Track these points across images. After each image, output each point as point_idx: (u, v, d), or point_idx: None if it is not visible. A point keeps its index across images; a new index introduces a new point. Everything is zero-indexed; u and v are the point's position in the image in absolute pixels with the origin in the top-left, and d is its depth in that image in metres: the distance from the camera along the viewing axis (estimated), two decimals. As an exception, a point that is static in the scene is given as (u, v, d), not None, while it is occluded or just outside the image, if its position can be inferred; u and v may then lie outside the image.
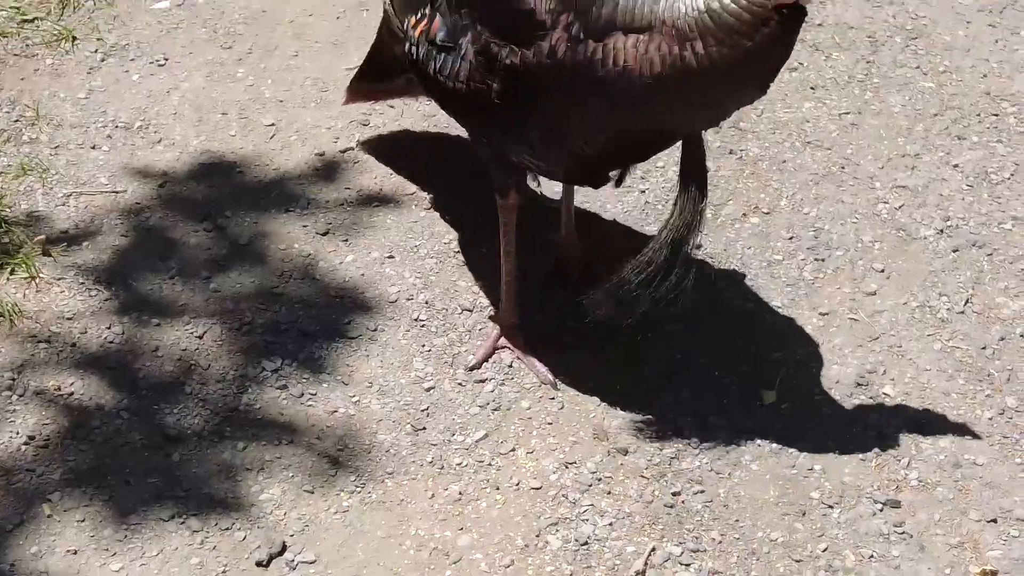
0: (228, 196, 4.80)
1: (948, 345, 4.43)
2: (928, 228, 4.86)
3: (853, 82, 5.61)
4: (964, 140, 5.31)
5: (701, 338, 4.40)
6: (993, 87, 5.62)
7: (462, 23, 3.82)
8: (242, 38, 5.56)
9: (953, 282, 4.65)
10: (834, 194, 4.99)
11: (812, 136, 5.27)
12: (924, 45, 5.86)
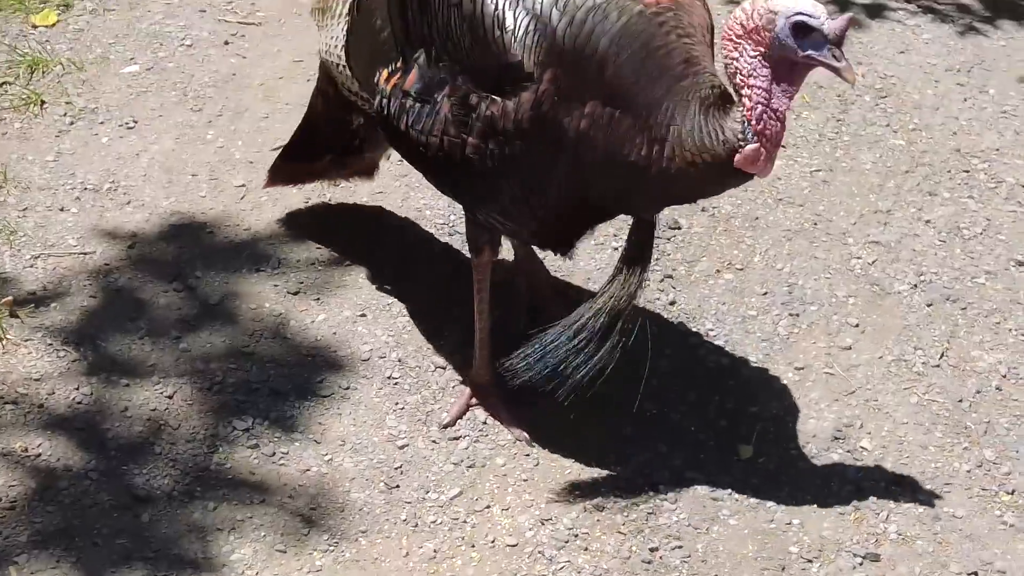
0: (198, 256, 4.75)
1: (924, 398, 4.40)
2: (902, 283, 4.85)
3: (824, 140, 5.61)
4: (935, 196, 5.32)
5: (677, 393, 4.37)
6: (963, 144, 5.64)
7: (440, 76, 3.79)
8: (212, 101, 5.54)
9: (928, 336, 4.63)
10: (807, 250, 4.97)
11: (784, 193, 5.27)
12: (893, 104, 5.88)
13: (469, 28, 3.66)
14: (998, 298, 4.82)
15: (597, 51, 3.54)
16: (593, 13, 3.55)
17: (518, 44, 3.58)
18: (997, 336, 4.66)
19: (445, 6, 3.73)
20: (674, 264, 4.86)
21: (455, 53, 3.72)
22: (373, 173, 4.86)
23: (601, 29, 3.54)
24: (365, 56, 4.11)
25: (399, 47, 3.90)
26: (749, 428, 4.28)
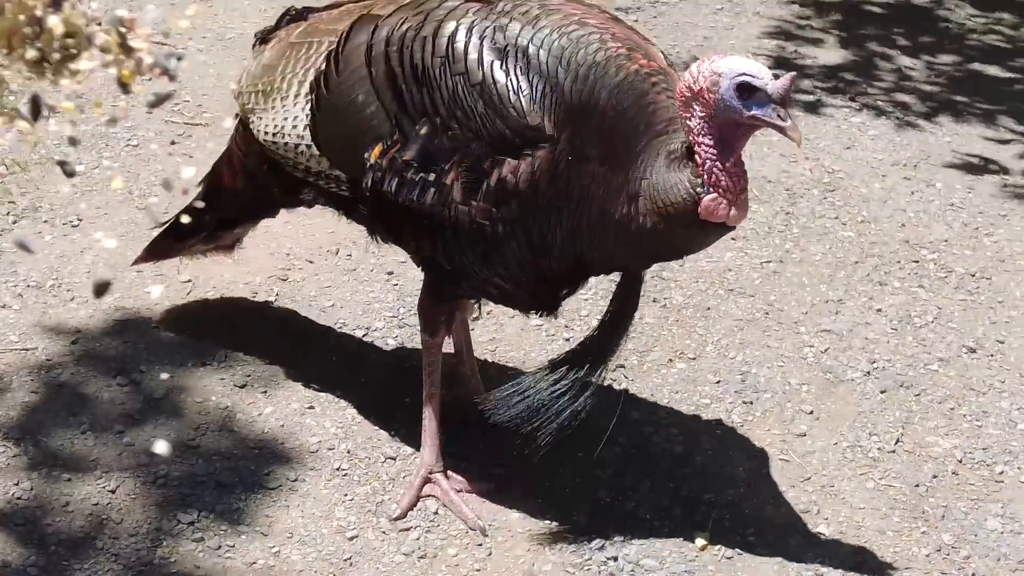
0: (143, 351, 4.68)
1: (881, 484, 4.37)
2: (855, 370, 4.83)
3: (773, 232, 5.61)
4: (886, 286, 5.32)
5: (631, 481, 4.30)
6: (912, 236, 5.66)
7: (447, 145, 3.76)
8: (158, 200, 5.46)
9: (883, 422, 4.60)
10: (759, 339, 4.95)
11: (735, 284, 5.25)
12: (841, 197, 5.90)
13: (480, 95, 3.69)
14: (951, 384, 4.80)
15: (599, 104, 3.62)
16: (594, 69, 3.64)
17: (536, 106, 3.63)
18: (951, 422, 4.63)
19: (448, 76, 3.73)
20: (626, 354, 4.80)
21: (465, 121, 3.71)
22: (235, 248, 4.85)
23: (602, 84, 3.62)
24: (344, 134, 3.99)
25: (394, 121, 3.84)
26: (705, 516, 4.21)
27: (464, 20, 3.75)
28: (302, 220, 5.42)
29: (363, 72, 3.89)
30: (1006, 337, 5.09)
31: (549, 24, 3.69)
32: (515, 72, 3.65)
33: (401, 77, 3.81)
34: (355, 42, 3.93)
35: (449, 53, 3.72)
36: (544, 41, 3.66)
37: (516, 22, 3.71)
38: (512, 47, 3.67)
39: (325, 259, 5.23)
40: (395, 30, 3.85)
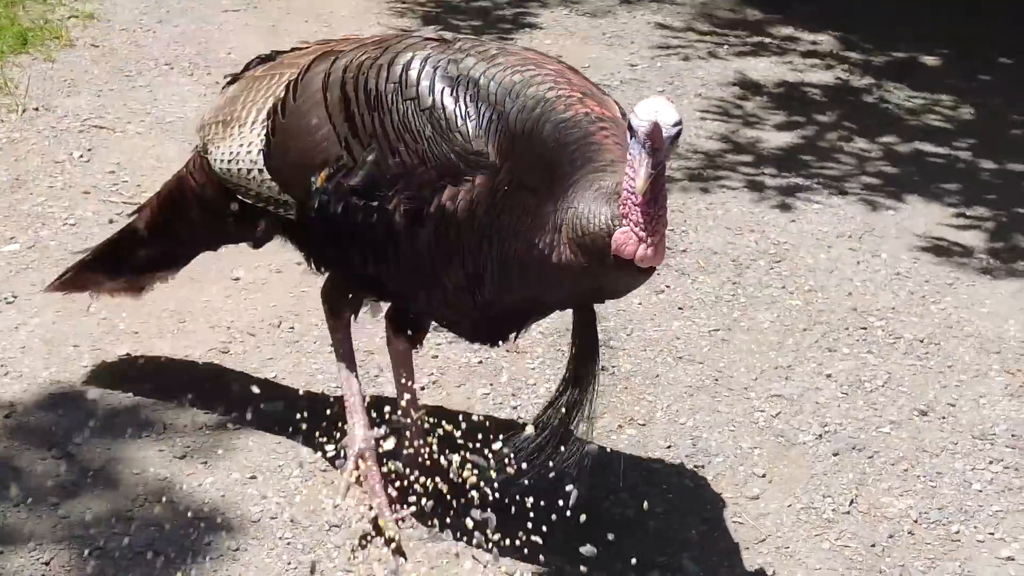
0: (78, 424, 4.55)
1: (836, 544, 4.29)
2: (807, 434, 4.77)
3: (721, 302, 5.58)
4: (835, 352, 5.28)
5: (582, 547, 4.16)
6: (859, 304, 5.63)
7: (392, 171, 3.76)
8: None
9: (836, 484, 4.54)
10: (709, 404, 4.89)
11: (684, 351, 5.19)
12: (788, 267, 5.88)
13: (428, 119, 3.70)
14: (904, 447, 4.75)
15: (542, 136, 3.62)
16: (543, 103, 3.65)
17: (481, 132, 3.64)
18: (906, 483, 4.57)
19: (400, 100, 3.76)
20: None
21: (413, 144, 3.72)
22: (143, 294, 4.81)
23: (548, 117, 3.63)
24: (294, 158, 3.99)
25: (344, 144, 3.85)
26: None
27: (421, 53, 3.82)
28: (243, 294, 5.34)
29: (319, 97, 3.93)
30: (957, 400, 5.04)
31: (504, 63, 3.75)
32: (464, 99, 3.69)
33: (354, 101, 3.84)
34: (314, 71, 3.99)
35: (403, 79, 3.77)
36: (496, 75, 3.71)
37: (472, 58, 3.77)
38: (464, 78, 3.71)
39: (267, 332, 5.13)
40: (354, 60, 3.92)
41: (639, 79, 7.93)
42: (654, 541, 4.26)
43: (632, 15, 9.07)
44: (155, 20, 8.30)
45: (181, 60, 7.68)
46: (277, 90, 4.11)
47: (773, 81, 8.16)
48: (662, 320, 5.36)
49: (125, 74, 7.43)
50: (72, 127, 6.66)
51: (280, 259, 5.47)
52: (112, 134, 6.60)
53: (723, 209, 6.39)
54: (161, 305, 5.22)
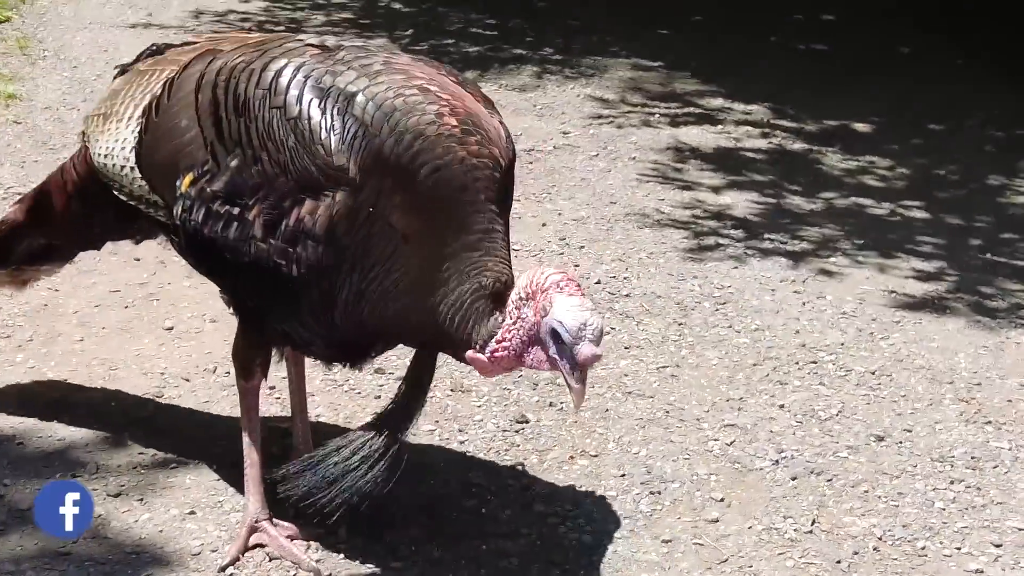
0: (7, 466, 4.39)
1: (801, 562, 4.16)
2: (763, 460, 4.66)
3: (667, 341, 5.48)
4: (786, 385, 5.19)
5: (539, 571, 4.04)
6: (807, 340, 5.55)
7: (254, 180, 3.66)
8: (22, 328, 5.23)
9: (796, 506, 4.41)
10: (662, 435, 4.77)
11: (633, 387, 5.09)
12: (733, 309, 5.79)
13: (292, 129, 3.60)
14: (862, 470, 4.64)
15: (416, 179, 3.54)
16: (421, 140, 3.56)
17: (345, 147, 3.54)
18: (867, 503, 4.46)
19: (267, 108, 3.65)
20: (525, 454, 4.62)
21: (275, 154, 3.61)
22: (26, 287, 4.76)
23: (425, 159, 3.55)
24: (163, 159, 3.90)
25: (209, 149, 3.74)
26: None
27: (296, 60, 3.72)
28: (176, 343, 5.21)
29: (191, 99, 3.84)
30: (913, 427, 4.95)
31: (387, 82, 3.64)
32: (331, 112, 3.58)
33: (223, 105, 3.74)
34: (191, 71, 3.91)
35: (272, 87, 3.67)
36: (376, 95, 3.59)
37: (352, 72, 3.67)
38: (337, 90, 3.61)
39: (202, 377, 4.98)
40: (229, 62, 3.82)
41: (572, 145, 7.89)
42: (613, 563, 4.13)
43: (562, 89, 9.05)
44: (79, 99, 8.19)
45: (107, 134, 7.50)
46: (155, 87, 4.04)
47: (708, 146, 8.12)
48: (609, 359, 5.24)
49: (49, 147, 7.30)
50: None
51: (214, 309, 5.32)
52: (37, 201, 6.38)
53: (664, 258, 6.31)
54: (91, 355, 5.08)
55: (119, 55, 8.78)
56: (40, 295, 5.47)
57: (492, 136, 3.69)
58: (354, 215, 3.54)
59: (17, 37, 9.05)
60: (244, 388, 4.05)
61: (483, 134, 3.65)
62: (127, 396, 4.83)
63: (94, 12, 10.08)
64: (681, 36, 10.61)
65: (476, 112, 3.71)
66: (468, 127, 3.62)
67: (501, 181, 3.67)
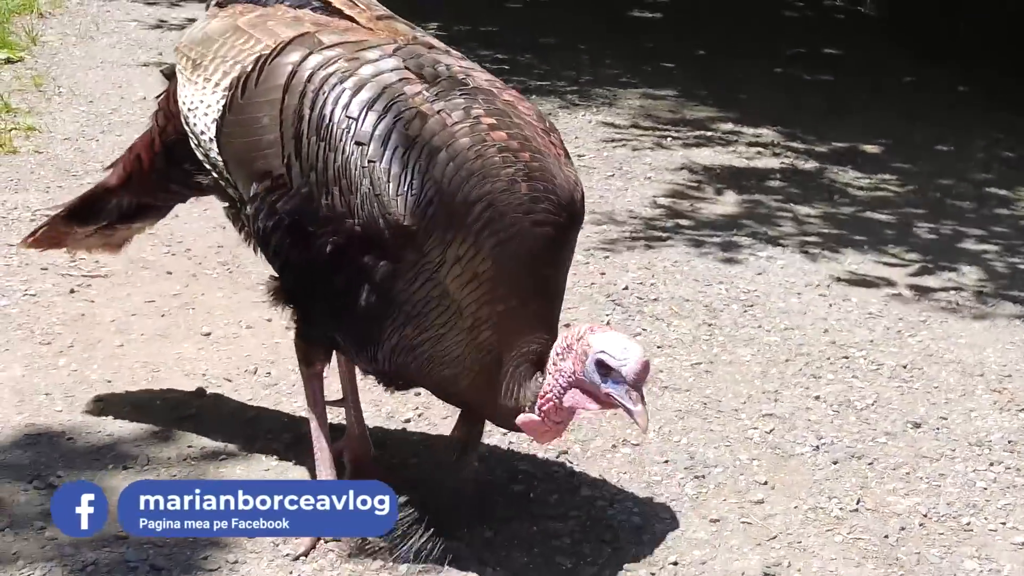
0: (58, 460, 4.40)
1: (849, 538, 4.20)
2: (803, 446, 4.70)
3: (699, 341, 5.53)
4: (820, 378, 5.25)
5: (591, 549, 4.08)
6: (837, 338, 5.62)
7: (322, 213, 3.64)
8: (61, 336, 5.26)
9: (840, 488, 4.46)
10: (702, 425, 4.81)
11: (668, 382, 5.14)
12: (761, 311, 5.85)
13: (370, 174, 3.53)
14: (902, 454, 4.69)
15: (480, 250, 3.53)
16: (491, 210, 3.53)
17: (419, 211, 3.50)
18: (909, 484, 4.51)
19: (349, 141, 3.57)
20: (567, 444, 4.64)
21: (347, 194, 3.56)
22: (123, 247, 4.77)
23: (493, 229, 3.54)
24: (241, 149, 3.81)
25: (285, 162, 3.67)
26: (673, 574, 3.98)
27: (390, 91, 3.60)
28: (215, 347, 5.24)
29: (277, 95, 3.72)
30: (948, 415, 5.00)
31: (472, 137, 3.55)
32: (414, 169, 3.50)
33: (306, 120, 3.64)
34: (284, 58, 3.76)
35: (360, 117, 3.56)
36: (458, 155, 3.51)
37: (439, 120, 3.55)
38: (423, 143, 3.51)
39: (243, 378, 5.01)
40: (324, 66, 3.69)
41: (588, 166, 7.95)
42: (663, 542, 4.15)
43: (573, 116, 9.14)
44: (98, 131, 8.23)
45: (128, 162, 7.56)
46: (247, 59, 3.86)
47: (722, 165, 8.20)
48: (642, 357, 5.26)
49: (72, 174, 7.33)
50: (23, 216, 6.54)
51: (250, 316, 5.38)
52: (64, 221, 6.44)
53: (689, 266, 6.38)
54: (132, 358, 5.10)
55: (133, 91, 8.92)
56: (76, 306, 5.52)
57: (563, 199, 3.62)
58: (414, 276, 3.53)
59: (32, 75, 9.10)
60: (307, 375, 4.03)
61: (553, 200, 3.59)
62: (171, 395, 4.85)
63: (104, 52, 10.11)
64: (686, 68, 10.71)
65: (551, 173, 3.62)
66: (539, 194, 3.56)
67: (565, 244, 3.68)
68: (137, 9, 11.54)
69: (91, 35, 10.54)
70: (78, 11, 11.29)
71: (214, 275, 5.90)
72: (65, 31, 10.60)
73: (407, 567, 3.87)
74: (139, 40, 10.50)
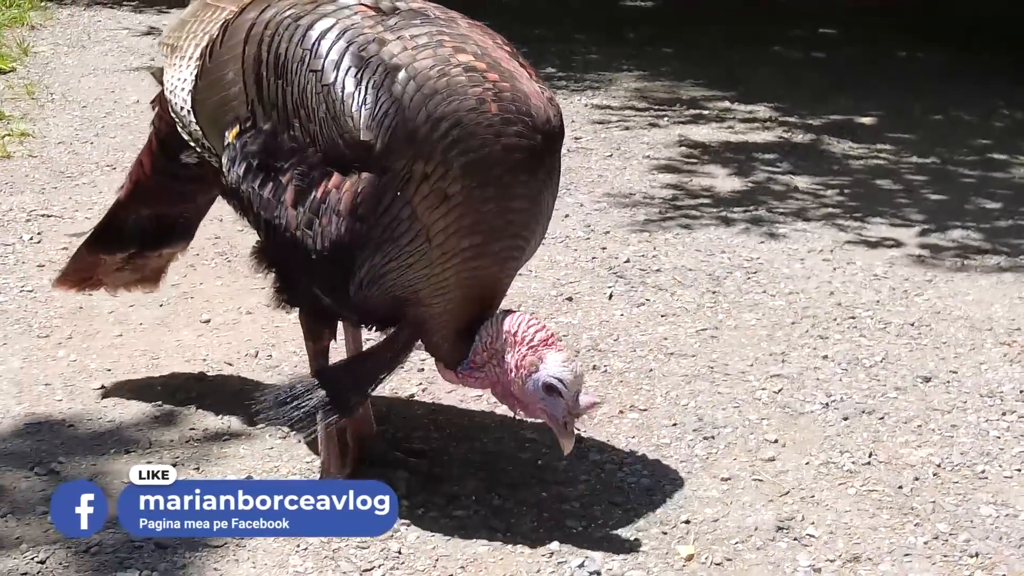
0: (60, 447, 4.36)
1: (863, 490, 4.15)
2: (813, 404, 4.66)
3: (703, 308, 5.49)
4: (827, 339, 5.20)
5: (601, 512, 4.03)
6: (843, 300, 5.57)
7: (288, 144, 3.60)
8: (60, 328, 5.21)
9: (852, 443, 4.41)
10: (709, 388, 4.76)
11: (674, 348, 5.08)
12: (765, 277, 5.81)
13: (325, 98, 3.49)
14: (913, 408, 4.64)
15: (448, 170, 3.44)
16: (459, 128, 3.44)
17: (374, 124, 3.43)
18: (921, 436, 4.46)
19: (304, 71, 3.55)
20: (572, 410, 4.53)
21: (306, 123, 3.54)
22: (160, 279, 4.72)
23: (461, 148, 3.45)
24: (212, 108, 3.84)
25: (250, 107, 3.69)
26: (685, 532, 3.92)
27: (344, 21, 3.58)
28: (215, 333, 5.19)
29: (238, 50, 3.75)
30: (958, 368, 4.96)
31: (433, 58, 3.48)
32: (368, 85, 3.44)
33: (265, 63, 3.65)
34: (244, 18, 3.80)
35: (313, 49, 3.55)
36: (419, 73, 3.44)
37: (399, 42, 3.51)
38: (378, 62, 3.47)
39: (244, 361, 4.97)
40: (278, 15, 3.70)
41: (585, 148, 7.93)
42: (674, 502, 4.11)
43: (569, 100, 9.09)
44: (91, 134, 8.19)
45: (123, 162, 7.52)
46: (213, 28, 3.93)
47: (718, 140, 8.16)
48: (647, 327, 5.25)
49: (67, 176, 7.30)
50: (19, 217, 6.50)
51: (249, 302, 5.34)
52: (61, 220, 6.45)
53: (690, 237, 6.34)
54: (132, 347, 5.06)
55: (126, 95, 8.88)
56: (74, 299, 5.45)
57: (537, 120, 3.53)
58: (377, 196, 3.45)
59: (24, 84, 9.06)
60: (312, 350, 4.00)
61: (526, 121, 3.50)
62: (172, 380, 4.80)
63: (96, 59, 10.07)
64: (680, 52, 10.70)
65: (524, 93, 3.53)
66: (511, 115, 3.47)
67: (541, 168, 3.58)
68: (128, 17, 11.50)
69: (82, 44, 10.50)
70: (69, 22, 11.25)
71: (212, 265, 5.86)
72: (56, 41, 10.56)
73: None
74: (130, 47, 10.46)
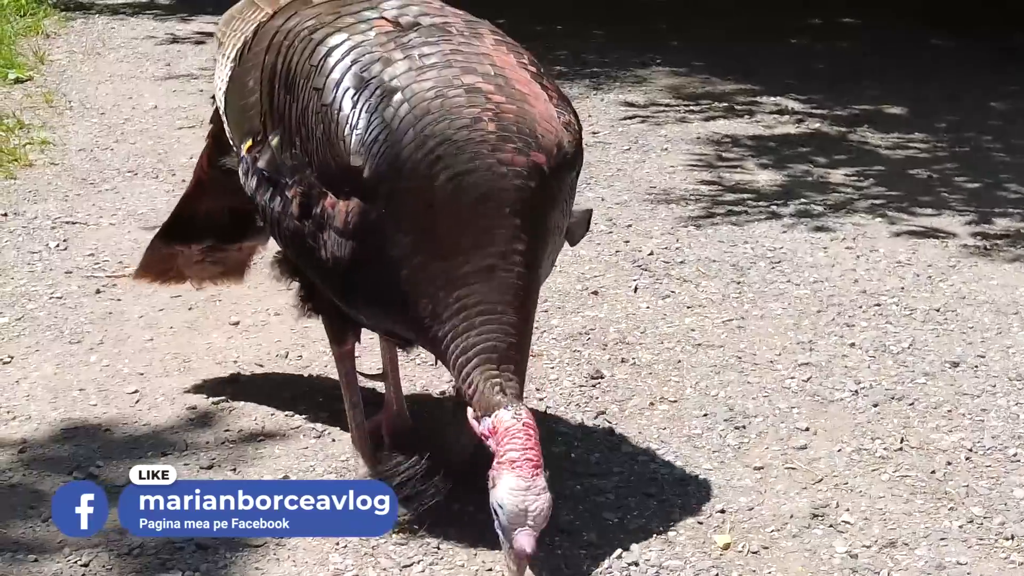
0: (97, 451, 4.39)
1: (895, 476, 4.17)
2: (842, 392, 4.68)
3: (728, 299, 5.51)
4: (854, 326, 5.22)
5: (636, 503, 4.06)
6: (868, 288, 5.59)
7: (291, 162, 3.57)
8: (91, 334, 5.25)
9: (883, 429, 4.43)
10: (738, 378, 4.78)
11: (701, 339, 5.11)
12: (789, 266, 5.84)
13: (323, 119, 3.43)
14: (943, 393, 4.66)
15: (433, 184, 3.32)
16: (446, 145, 3.31)
17: (363, 149, 3.37)
18: (952, 421, 4.48)
19: (308, 88, 3.48)
20: (604, 405, 4.62)
21: (306, 143, 3.50)
22: (244, 272, 4.72)
23: (447, 163, 3.32)
24: (235, 114, 3.84)
25: (262, 120, 3.66)
26: (721, 521, 3.96)
27: (357, 38, 3.49)
28: (244, 335, 5.23)
29: (260, 58, 3.70)
30: (986, 353, 4.98)
31: (435, 79, 3.36)
32: (362, 108, 3.35)
33: (278, 75, 3.60)
34: (273, 23, 3.76)
35: (319, 65, 3.45)
36: (415, 95, 3.33)
37: (406, 62, 3.40)
38: (377, 83, 3.36)
39: (275, 363, 5.00)
40: (300, 25, 3.64)
41: (603, 142, 7.96)
42: (709, 492, 4.13)
43: (587, 98, 9.11)
44: (111, 141, 8.23)
45: (144, 167, 7.59)
46: (248, 29, 3.89)
47: (740, 133, 8.18)
48: (673, 318, 5.28)
49: (90, 182, 7.33)
50: (44, 225, 6.54)
51: (277, 304, 5.36)
52: (86, 227, 6.49)
53: (712, 228, 6.36)
54: (163, 351, 5.10)
55: (144, 101, 8.94)
56: (103, 305, 5.52)
57: (543, 142, 3.38)
58: (366, 217, 3.40)
59: (42, 92, 9.11)
60: (338, 354, 4.00)
61: (527, 140, 3.34)
62: (204, 383, 4.82)
63: (112, 67, 10.12)
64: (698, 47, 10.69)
65: (531, 116, 3.39)
66: (509, 133, 3.33)
67: (543, 188, 3.40)
68: (143, 24, 11.55)
69: (98, 51, 10.55)
70: (83, 30, 11.30)
71: (238, 268, 5.87)
72: (72, 49, 10.61)
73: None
74: (147, 53, 10.51)
